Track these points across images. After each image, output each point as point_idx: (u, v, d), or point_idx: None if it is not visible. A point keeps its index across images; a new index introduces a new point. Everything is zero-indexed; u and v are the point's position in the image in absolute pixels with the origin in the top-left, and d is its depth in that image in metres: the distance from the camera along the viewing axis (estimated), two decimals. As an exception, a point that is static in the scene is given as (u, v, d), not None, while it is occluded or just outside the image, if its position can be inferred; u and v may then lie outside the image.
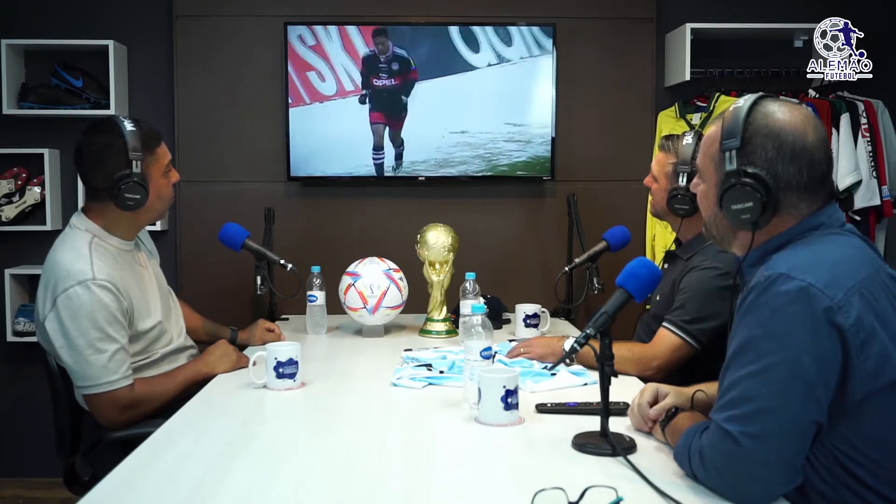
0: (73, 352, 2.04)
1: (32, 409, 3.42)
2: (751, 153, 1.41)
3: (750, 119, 1.42)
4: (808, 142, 1.40)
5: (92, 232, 2.16)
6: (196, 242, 3.58)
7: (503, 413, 1.73)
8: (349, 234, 3.61)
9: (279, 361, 2.04)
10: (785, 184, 1.39)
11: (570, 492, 1.25)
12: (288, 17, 3.53)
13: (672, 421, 1.58)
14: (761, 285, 1.33)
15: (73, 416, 2.21)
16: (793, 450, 1.29)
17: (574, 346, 1.58)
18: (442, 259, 2.81)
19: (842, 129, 3.35)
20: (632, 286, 1.62)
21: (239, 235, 2.78)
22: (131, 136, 2.12)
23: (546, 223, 3.68)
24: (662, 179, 2.41)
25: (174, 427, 1.78)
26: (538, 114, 3.56)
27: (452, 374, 2.17)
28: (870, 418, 1.31)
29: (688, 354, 2.22)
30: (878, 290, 1.35)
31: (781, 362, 1.28)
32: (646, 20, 3.64)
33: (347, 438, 1.71)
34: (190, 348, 2.42)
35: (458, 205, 3.63)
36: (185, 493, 1.40)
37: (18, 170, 3.52)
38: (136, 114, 3.45)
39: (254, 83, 3.60)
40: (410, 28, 3.51)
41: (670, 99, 3.64)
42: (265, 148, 3.61)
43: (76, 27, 3.54)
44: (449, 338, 2.76)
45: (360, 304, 2.70)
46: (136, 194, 2.13)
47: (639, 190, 3.61)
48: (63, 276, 2.05)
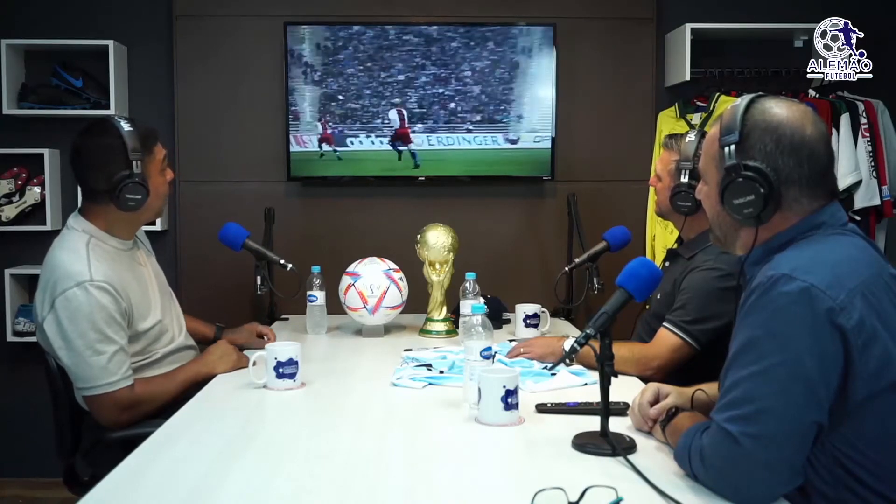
0: (73, 353, 2.04)
1: (32, 409, 3.41)
2: (750, 148, 1.41)
3: (748, 115, 1.42)
4: (807, 135, 1.40)
5: (89, 233, 2.16)
6: (196, 242, 3.58)
7: (503, 413, 1.73)
8: (349, 234, 3.61)
9: (279, 361, 2.04)
10: (786, 177, 1.39)
11: (570, 492, 1.25)
12: (288, 17, 3.53)
13: (672, 421, 1.58)
14: (763, 286, 1.33)
15: (73, 416, 2.21)
16: (793, 450, 1.29)
17: (574, 346, 1.58)
18: (442, 259, 2.81)
19: (842, 129, 3.35)
20: (632, 286, 1.62)
21: (239, 235, 2.78)
22: (129, 137, 2.12)
23: (546, 223, 3.68)
24: (666, 178, 2.42)
25: (174, 427, 1.78)
26: (538, 114, 3.56)
27: (452, 374, 2.17)
28: (871, 419, 1.31)
29: (688, 355, 2.22)
30: (880, 291, 1.35)
31: (783, 363, 1.28)
32: (646, 20, 3.64)
33: (347, 438, 1.71)
34: (191, 348, 2.42)
35: (458, 205, 3.63)
36: (185, 493, 1.40)
37: (18, 170, 3.52)
38: (136, 114, 3.46)
39: (254, 83, 3.60)
40: (410, 27, 3.51)
41: (670, 99, 3.64)
42: (265, 148, 3.61)
43: (76, 27, 3.54)
44: (449, 338, 2.76)
45: (360, 304, 2.70)
46: (138, 195, 2.13)
47: (639, 190, 3.63)
48: (61, 277, 2.05)
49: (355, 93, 3.52)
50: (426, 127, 3.55)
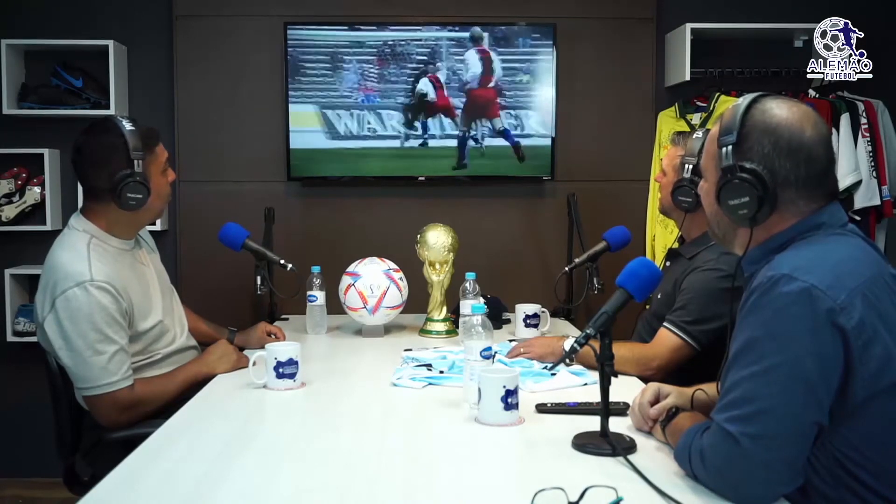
0: (73, 353, 2.04)
1: (32, 409, 3.41)
2: (748, 149, 1.41)
3: (747, 116, 1.42)
4: (806, 137, 1.39)
5: (90, 233, 2.16)
6: (196, 242, 3.58)
7: (503, 413, 1.73)
8: (349, 234, 3.61)
9: (279, 361, 2.04)
10: (782, 179, 1.39)
11: (570, 492, 1.25)
12: (288, 17, 3.53)
13: (672, 421, 1.58)
14: (764, 286, 1.32)
15: (73, 416, 2.21)
16: (794, 451, 1.29)
17: (574, 346, 1.58)
18: (442, 259, 2.81)
19: (842, 129, 3.35)
20: (632, 286, 1.62)
21: (239, 235, 2.78)
22: (131, 136, 2.12)
23: (546, 223, 3.68)
24: (671, 173, 2.41)
25: (174, 427, 1.78)
26: (538, 114, 3.56)
27: (452, 374, 2.17)
28: (871, 419, 1.31)
29: (688, 355, 2.22)
30: (880, 292, 1.35)
31: (783, 363, 1.28)
32: (646, 20, 3.64)
33: (347, 438, 1.71)
34: (193, 348, 2.42)
35: (458, 205, 3.63)
36: (185, 493, 1.40)
37: (18, 170, 3.52)
38: (136, 114, 3.45)
39: (254, 83, 3.60)
40: (411, 27, 3.51)
41: (670, 99, 3.64)
42: (265, 148, 3.61)
43: (76, 27, 3.54)
44: (449, 338, 2.76)
45: (360, 304, 2.70)
46: (139, 194, 2.13)
47: (639, 190, 3.64)
48: (61, 277, 2.05)
49: (355, 92, 3.51)
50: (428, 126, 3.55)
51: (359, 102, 3.53)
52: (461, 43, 3.51)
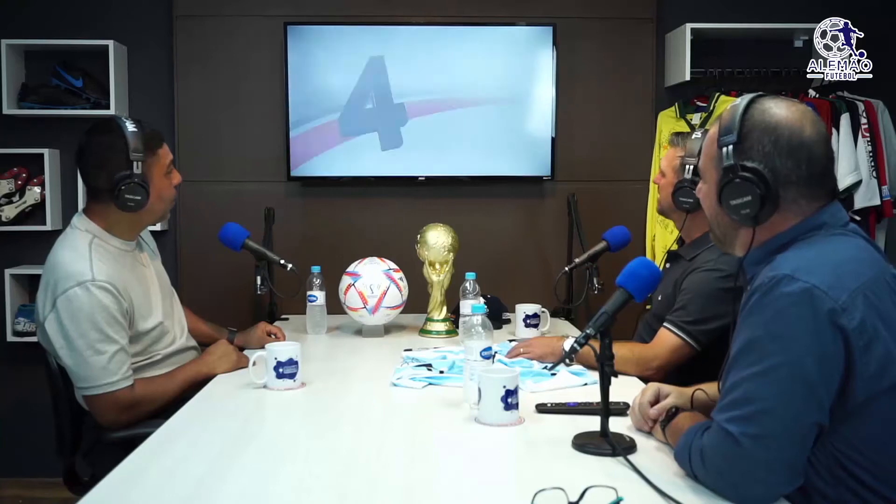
0: (73, 353, 2.04)
1: (32, 409, 3.41)
2: (748, 148, 1.41)
3: (747, 115, 1.42)
4: (806, 136, 1.40)
5: (92, 232, 2.16)
6: (196, 242, 3.58)
7: (503, 413, 1.73)
8: (349, 234, 3.61)
9: (279, 361, 2.04)
10: (784, 178, 1.39)
11: (570, 492, 1.25)
12: (288, 17, 3.53)
13: (672, 421, 1.58)
14: (765, 286, 1.32)
15: (73, 416, 2.21)
16: (794, 451, 1.29)
17: (574, 346, 1.58)
18: (442, 259, 2.81)
19: (842, 129, 3.35)
20: (632, 286, 1.62)
21: (239, 235, 2.78)
22: (132, 137, 2.12)
23: (546, 223, 3.68)
24: (670, 173, 2.41)
25: (174, 427, 1.78)
26: (538, 114, 3.56)
27: (452, 374, 2.17)
28: (871, 420, 1.31)
29: (688, 355, 2.22)
30: (882, 292, 1.35)
31: (784, 364, 1.28)
32: (646, 20, 3.64)
33: (347, 438, 1.71)
34: (193, 349, 2.42)
35: (458, 205, 3.63)
36: (185, 493, 1.40)
37: (18, 170, 3.52)
38: (136, 114, 3.45)
39: (254, 83, 3.60)
40: (411, 27, 3.51)
41: (670, 99, 3.64)
42: (265, 148, 3.61)
43: (76, 27, 3.54)
44: (449, 338, 2.76)
45: (360, 304, 2.70)
46: (137, 195, 2.13)
47: (639, 190, 3.64)
48: (63, 276, 2.05)
49: (355, 93, 3.51)
50: (425, 127, 3.55)
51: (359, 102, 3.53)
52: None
